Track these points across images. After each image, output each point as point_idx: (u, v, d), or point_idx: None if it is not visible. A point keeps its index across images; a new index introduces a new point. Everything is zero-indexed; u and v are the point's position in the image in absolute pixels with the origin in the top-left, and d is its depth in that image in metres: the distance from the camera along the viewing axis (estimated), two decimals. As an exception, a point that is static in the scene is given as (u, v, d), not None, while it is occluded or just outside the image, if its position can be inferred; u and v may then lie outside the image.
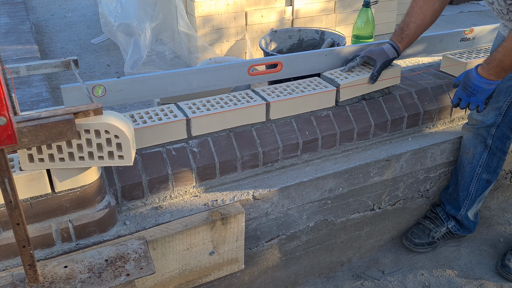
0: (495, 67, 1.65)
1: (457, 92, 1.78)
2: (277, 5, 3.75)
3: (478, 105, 1.73)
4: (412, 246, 2.16)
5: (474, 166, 2.04)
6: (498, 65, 1.65)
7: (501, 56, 1.63)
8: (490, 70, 1.67)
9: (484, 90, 1.69)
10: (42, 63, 1.55)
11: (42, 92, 2.68)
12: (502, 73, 1.67)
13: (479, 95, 1.71)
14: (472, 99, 1.73)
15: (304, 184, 1.78)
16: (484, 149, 2.00)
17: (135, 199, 1.59)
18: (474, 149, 2.02)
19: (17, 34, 3.84)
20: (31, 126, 1.12)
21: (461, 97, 1.76)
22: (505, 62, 1.63)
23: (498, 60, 1.64)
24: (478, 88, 1.69)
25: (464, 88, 1.74)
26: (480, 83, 1.69)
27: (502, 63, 1.64)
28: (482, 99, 1.72)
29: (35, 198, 1.32)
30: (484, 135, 1.99)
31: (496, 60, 1.65)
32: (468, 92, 1.72)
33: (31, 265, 1.21)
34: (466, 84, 1.73)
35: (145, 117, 1.63)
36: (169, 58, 3.71)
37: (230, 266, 1.70)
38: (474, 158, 2.03)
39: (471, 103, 1.74)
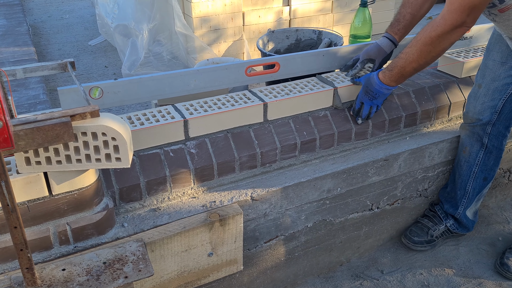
0: (396, 74, 1.72)
1: (359, 96, 1.85)
2: (275, 5, 3.75)
3: (377, 106, 1.84)
4: (411, 244, 2.16)
5: (471, 165, 2.04)
6: (399, 72, 1.72)
7: (403, 63, 1.69)
8: (392, 77, 1.74)
9: (384, 94, 1.79)
10: (39, 65, 1.54)
11: (39, 94, 2.68)
12: (402, 79, 1.75)
13: (380, 98, 1.81)
14: (374, 102, 1.82)
15: (302, 185, 1.78)
16: (481, 147, 2.00)
17: (133, 201, 1.58)
18: (471, 147, 2.02)
19: (14, 36, 3.83)
20: (27, 129, 1.12)
21: (364, 101, 1.83)
22: (406, 69, 1.70)
23: (400, 67, 1.70)
24: (379, 93, 1.79)
25: (366, 93, 1.81)
26: (381, 89, 1.77)
27: (403, 70, 1.70)
28: (380, 102, 1.83)
29: (33, 201, 1.32)
30: (480, 134, 1.99)
31: (398, 67, 1.71)
32: (371, 96, 1.81)
33: (29, 268, 1.21)
34: (368, 89, 1.80)
35: (142, 118, 1.62)
36: (167, 59, 3.70)
37: (229, 267, 1.70)
38: (471, 156, 2.03)
39: (372, 106, 1.83)
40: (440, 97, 2.12)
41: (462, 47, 2.34)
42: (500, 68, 1.88)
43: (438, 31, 1.59)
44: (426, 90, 2.10)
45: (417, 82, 2.14)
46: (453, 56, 2.22)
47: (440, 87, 2.14)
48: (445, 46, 1.64)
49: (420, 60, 1.66)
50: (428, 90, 2.10)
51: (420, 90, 2.09)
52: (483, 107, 1.94)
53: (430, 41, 1.61)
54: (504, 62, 1.87)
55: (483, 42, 2.36)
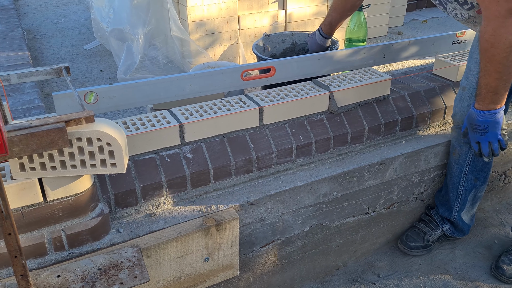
0: (485, 93, 1.60)
1: (471, 138, 1.71)
2: (270, 9, 3.75)
3: (499, 139, 1.66)
4: (407, 250, 2.16)
5: (461, 167, 2.05)
6: (488, 91, 1.59)
7: (485, 81, 1.59)
8: (485, 99, 1.61)
9: (493, 121, 1.62)
10: (33, 70, 1.54)
11: (34, 99, 2.66)
12: (495, 96, 1.60)
13: (491, 129, 1.63)
14: (488, 135, 1.65)
15: (298, 189, 1.78)
16: (469, 149, 2.00)
17: (129, 206, 1.58)
18: (460, 149, 2.03)
19: (8, 41, 3.81)
20: (22, 135, 1.11)
21: (478, 139, 1.69)
22: (491, 84, 1.58)
23: (484, 85, 1.60)
24: (485, 123, 1.63)
25: (473, 130, 1.68)
26: (485, 117, 1.62)
27: (488, 86, 1.59)
28: (497, 131, 1.64)
29: (27, 207, 1.31)
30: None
31: (482, 87, 1.60)
32: (480, 131, 1.65)
33: (23, 275, 1.19)
34: (472, 125, 1.68)
35: (138, 123, 1.62)
36: (162, 63, 3.70)
37: (225, 272, 1.69)
38: (460, 158, 2.04)
39: (491, 141, 1.66)
40: (436, 101, 2.12)
41: (456, 51, 2.35)
42: None
43: (489, 31, 1.48)
44: (421, 94, 2.10)
45: (412, 86, 2.14)
46: (448, 60, 2.23)
47: (435, 91, 2.14)
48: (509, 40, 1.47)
49: (498, 68, 1.53)
50: (423, 94, 2.11)
51: (416, 93, 2.09)
52: (468, 109, 1.95)
53: (490, 45, 1.50)
54: None
55: (477, 46, 2.38)
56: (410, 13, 5.24)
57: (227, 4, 3.52)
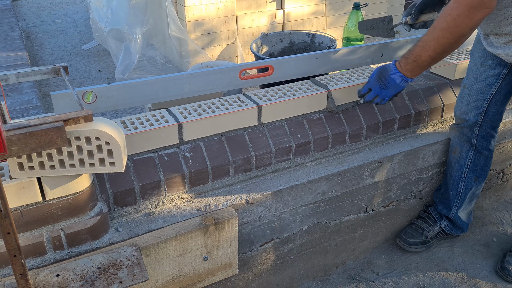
0: (412, 62, 1.63)
1: (370, 83, 1.75)
2: (268, 9, 3.76)
3: (384, 99, 1.73)
4: (406, 246, 2.17)
5: (461, 165, 2.05)
6: (414, 60, 1.62)
7: (419, 51, 1.60)
8: (407, 65, 1.64)
9: (397, 85, 1.68)
10: (31, 70, 1.54)
11: (32, 99, 2.67)
12: (418, 70, 1.64)
13: (390, 90, 1.69)
14: (383, 92, 1.71)
15: (297, 187, 1.78)
16: (470, 148, 2.01)
17: (128, 205, 1.58)
18: (461, 148, 2.03)
19: (6, 41, 3.81)
20: (20, 134, 1.11)
21: (373, 87, 1.73)
22: (421, 58, 1.60)
23: (415, 54, 1.61)
24: (392, 82, 1.68)
25: (379, 79, 1.71)
26: (396, 77, 1.66)
27: (418, 58, 1.60)
28: (391, 94, 1.71)
29: (26, 206, 1.31)
30: (468, 135, 2.00)
31: (413, 55, 1.62)
32: (382, 84, 1.70)
33: (22, 275, 1.19)
34: (382, 76, 1.70)
35: (136, 123, 1.62)
36: (160, 63, 3.70)
37: (224, 271, 1.70)
38: (461, 157, 2.04)
39: (379, 95, 1.73)
40: (433, 99, 2.13)
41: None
42: (480, 68, 1.90)
43: (454, 14, 1.48)
44: (419, 92, 2.11)
45: (410, 84, 2.14)
46: (446, 58, 2.23)
47: (433, 89, 2.15)
48: (464, 31, 1.50)
49: (437, 48, 1.55)
50: (421, 92, 2.11)
51: (414, 92, 2.10)
52: (468, 107, 1.96)
53: (447, 26, 1.50)
54: (484, 62, 1.89)
55: (475, 44, 2.38)
56: (407, 12, 5.23)
57: (225, 4, 3.53)
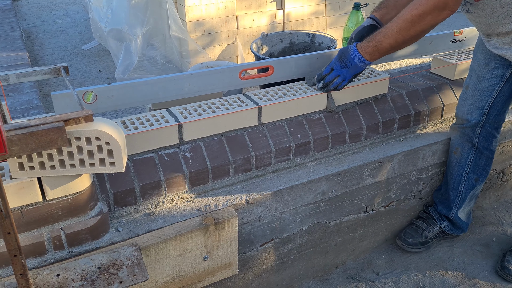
0: (372, 46, 1.68)
1: (332, 62, 1.80)
2: (268, 9, 3.76)
3: (344, 79, 1.77)
4: (406, 246, 2.17)
5: (462, 165, 2.06)
6: (375, 45, 1.68)
7: (381, 37, 1.66)
8: (368, 48, 1.69)
9: (357, 66, 1.73)
10: (32, 70, 1.54)
11: (32, 99, 2.67)
12: (377, 55, 1.69)
13: (351, 69, 1.74)
14: (344, 71, 1.76)
15: (297, 187, 1.78)
16: (471, 148, 2.02)
17: (128, 205, 1.58)
18: (462, 148, 2.04)
19: (7, 41, 3.81)
20: (21, 134, 1.12)
21: (335, 67, 1.78)
22: (382, 44, 1.66)
23: (377, 40, 1.67)
24: (352, 62, 1.73)
25: (340, 59, 1.76)
26: (356, 58, 1.72)
27: (379, 43, 1.66)
28: (350, 74, 1.76)
29: (26, 206, 1.31)
30: (470, 135, 2.00)
31: (375, 40, 1.68)
32: (343, 63, 1.75)
33: (22, 274, 1.20)
34: (343, 55, 1.75)
35: (136, 123, 1.62)
36: (161, 63, 3.70)
37: (224, 271, 1.70)
38: (462, 157, 2.04)
39: (340, 75, 1.76)
40: (433, 99, 2.13)
41: (454, 49, 2.36)
42: (484, 69, 1.90)
43: (420, 10, 1.56)
44: (419, 92, 2.11)
45: (410, 84, 2.15)
46: (446, 58, 2.23)
47: (433, 89, 2.15)
48: (425, 27, 1.60)
49: (398, 38, 1.63)
50: (421, 92, 2.11)
51: (413, 92, 2.10)
52: (471, 108, 1.96)
53: (411, 19, 1.58)
54: (487, 63, 1.89)
55: (475, 44, 2.38)
56: (408, 12, 5.24)
57: (225, 4, 3.53)
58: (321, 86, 1.83)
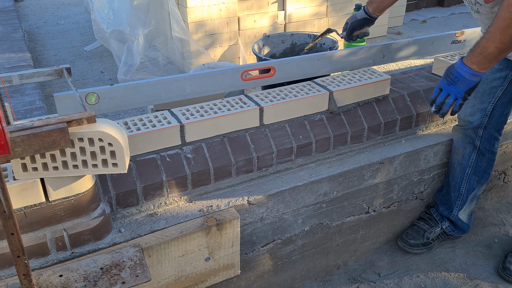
0: (478, 55, 1.56)
1: (439, 83, 1.68)
2: (270, 10, 3.77)
3: (456, 98, 1.62)
4: (407, 247, 2.17)
5: (464, 167, 2.05)
6: (481, 52, 1.56)
7: (485, 42, 1.54)
8: (473, 57, 1.57)
9: (465, 80, 1.59)
10: (34, 71, 1.55)
11: (35, 101, 2.68)
12: (486, 62, 1.56)
13: (460, 85, 1.60)
14: (452, 88, 1.62)
15: (298, 188, 1.79)
16: (473, 150, 2.01)
17: (130, 206, 1.58)
18: (463, 150, 2.04)
19: (9, 42, 3.83)
20: (24, 136, 1.12)
21: (442, 86, 1.65)
22: (488, 49, 1.54)
23: (482, 46, 1.55)
24: (459, 77, 1.59)
25: (446, 76, 1.64)
26: (463, 71, 1.59)
27: (485, 50, 1.54)
28: (461, 90, 1.61)
29: (29, 207, 1.32)
30: (472, 136, 2.00)
31: (479, 47, 1.56)
32: (450, 80, 1.62)
33: (26, 275, 1.20)
34: (449, 72, 1.64)
35: (138, 124, 1.63)
36: (163, 64, 3.71)
37: (226, 271, 1.70)
38: (464, 159, 2.04)
39: (450, 94, 1.63)
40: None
41: (455, 50, 2.36)
42: None
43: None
44: (421, 93, 2.11)
45: (411, 85, 2.15)
46: (447, 59, 2.24)
47: (434, 90, 2.15)
48: None
49: (504, 39, 1.50)
50: (423, 93, 2.11)
51: (415, 93, 2.10)
52: (473, 109, 1.96)
53: (510, 16, 1.47)
54: None
55: (476, 45, 2.38)
56: (409, 13, 5.25)
57: (227, 5, 3.54)
58: (434, 110, 1.67)
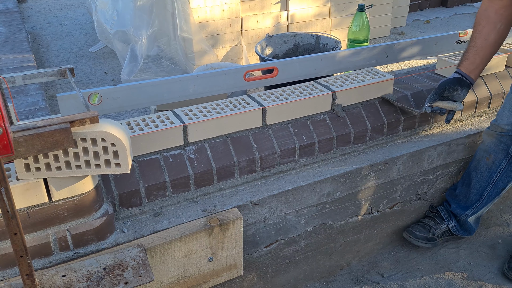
0: None
1: None
2: (273, 10, 3.76)
3: None
4: (413, 239, 2.14)
5: (492, 172, 2.02)
6: None
7: None
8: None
9: None
10: (38, 72, 1.55)
11: (38, 101, 2.68)
12: None
13: None
14: None
15: (301, 189, 1.78)
16: (505, 156, 1.98)
17: (133, 206, 1.59)
18: (495, 155, 2.00)
19: (13, 43, 3.84)
20: (27, 136, 1.12)
21: None
22: None
23: None
24: None
25: None
26: None
27: None
28: None
29: (32, 207, 1.32)
30: (508, 143, 1.96)
31: None
32: None
33: (29, 275, 1.20)
34: None
35: (141, 124, 1.63)
36: (166, 65, 3.72)
37: (229, 272, 1.70)
38: (494, 164, 2.01)
39: None
40: (438, 100, 2.12)
41: (459, 50, 2.35)
42: None
43: None
44: (424, 94, 2.10)
45: (415, 85, 2.14)
46: (451, 60, 2.23)
47: (438, 90, 2.14)
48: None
49: None
50: (426, 94, 2.11)
51: (418, 93, 2.09)
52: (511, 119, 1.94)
53: None
54: None
55: (480, 45, 2.37)
56: (412, 13, 5.24)
57: (230, 6, 3.54)
58: None
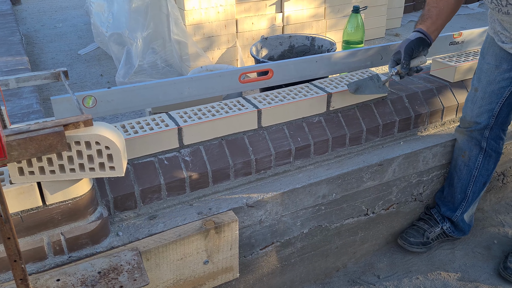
0: None
1: None
2: (268, 12, 3.77)
3: None
4: (407, 245, 2.15)
5: (470, 169, 2.05)
6: None
7: None
8: None
9: None
10: (31, 75, 1.54)
11: (32, 104, 2.67)
12: None
13: None
14: None
15: (297, 191, 1.78)
16: (480, 151, 2.01)
17: (128, 209, 1.58)
18: (470, 152, 2.03)
19: (7, 46, 3.82)
20: (20, 139, 1.12)
21: None
22: None
23: None
24: None
25: None
26: None
27: None
28: None
29: (26, 211, 1.31)
30: (478, 138, 1.99)
31: None
32: None
33: (22, 279, 1.19)
34: None
35: (136, 127, 1.62)
36: (161, 67, 3.71)
37: (225, 275, 1.69)
38: (470, 160, 2.04)
39: None
40: (433, 102, 2.13)
41: (453, 52, 2.36)
42: (495, 71, 1.89)
43: None
44: (419, 95, 2.11)
45: (410, 87, 2.15)
46: (445, 61, 2.23)
47: (433, 92, 2.15)
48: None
49: None
50: (421, 95, 2.11)
51: (413, 95, 2.10)
52: (480, 110, 1.95)
53: None
54: (498, 65, 1.88)
55: (474, 47, 2.38)
56: (407, 14, 5.26)
57: (225, 8, 3.54)
58: None
